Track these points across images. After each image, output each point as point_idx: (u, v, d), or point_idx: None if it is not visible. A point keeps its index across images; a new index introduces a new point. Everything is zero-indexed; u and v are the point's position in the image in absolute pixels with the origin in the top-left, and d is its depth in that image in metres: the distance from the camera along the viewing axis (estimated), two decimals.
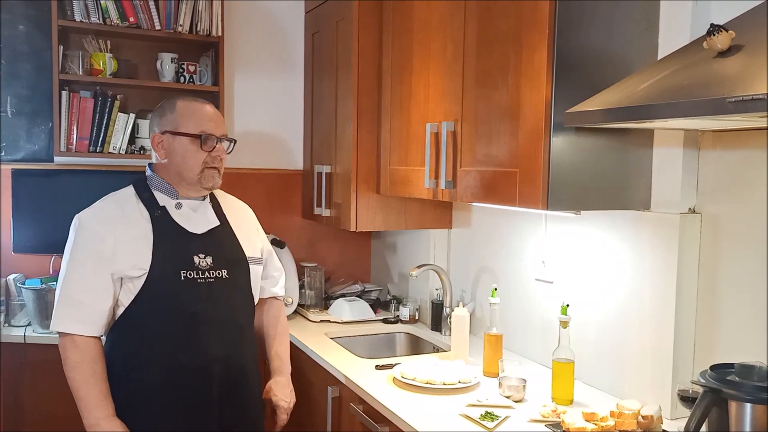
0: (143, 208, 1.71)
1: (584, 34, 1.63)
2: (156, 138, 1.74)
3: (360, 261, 3.26)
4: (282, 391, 1.86)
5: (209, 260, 1.72)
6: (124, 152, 2.69)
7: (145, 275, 1.65)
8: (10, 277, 2.60)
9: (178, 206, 1.74)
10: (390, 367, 2.08)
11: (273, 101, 3.07)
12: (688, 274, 1.67)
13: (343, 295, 2.90)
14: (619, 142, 1.69)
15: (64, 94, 2.59)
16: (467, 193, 1.93)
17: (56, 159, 2.70)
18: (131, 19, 2.63)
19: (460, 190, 1.97)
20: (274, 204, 3.11)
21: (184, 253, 1.70)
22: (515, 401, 1.80)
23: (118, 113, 2.67)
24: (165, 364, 1.67)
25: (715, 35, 1.24)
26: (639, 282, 1.78)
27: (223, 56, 2.79)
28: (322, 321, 2.74)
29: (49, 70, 2.60)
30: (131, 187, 1.76)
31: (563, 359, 1.80)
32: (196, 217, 1.76)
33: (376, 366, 2.12)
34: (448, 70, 2.03)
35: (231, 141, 1.80)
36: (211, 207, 1.82)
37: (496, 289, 2.10)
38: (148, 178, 1.77)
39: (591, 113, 1.45)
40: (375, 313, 2.80)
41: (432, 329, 2.64)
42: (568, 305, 1.82)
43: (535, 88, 1.64)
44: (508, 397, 1.81)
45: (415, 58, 2.25)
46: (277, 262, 2.02)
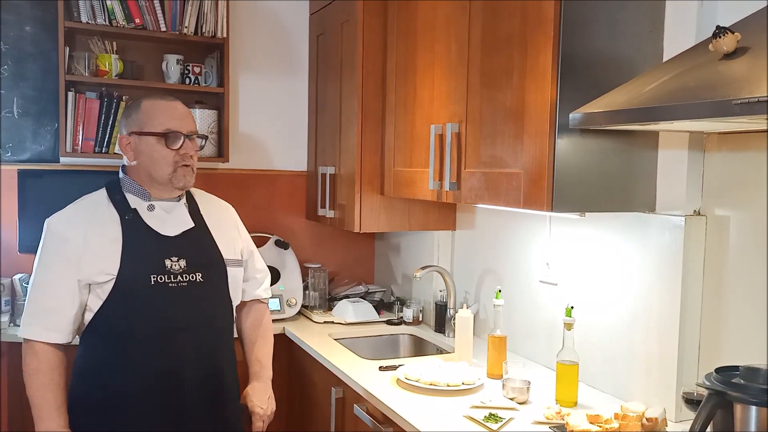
0: (114, 211, 1.67)
1: (589, 36, 1.63)
2: (123, 140, 1.70)
3: (364, 262, 3.26)
4: (259, 397, 1.81)
5: (182, 263, 1.67)
6: None
7: (113, 280, 1.61)
8: (16, 277, 2.61)
9: (151, 208, 1.69)
10: (394, 368, 2.08)
11: (277, 102, 3.08)
12: (693, 276, 1.67)
13: (347, 297, 2.90)
14: (624, 144, 1.68)
15: (70, 95, 2.60)
16: (471, 194, 1.93)
17: (62, 159, 2.71)
18: (137, 21, 2.64)
19: (465, 191, 1.97)
20: (278, 205, 3.12)
21: (154, 257, 1.65)
22: (519, 403, 1.80)
23: None
24: (137, 370, 1.63)
25: (720, 37, 1.24)
26: (644, 284, 1.77)
27: (228, 58, 2.79)
28: (325, 322, 2.74)
29: (56, 72, 2.62)
30: (103, 190, 1.72)
31: (567, 361, 1.80)
32: (170, 218, 1.71)
33: (380, 367, 2.12)
34: (453, 72, 2.03)
35: (202, 137, 1.75)
36: (187, 208, 1.76)
37: (500, 291, 2.10)
38: (120, 181, 1.72)
39: (596, 115, 1.45)
40: (378, 314, 2.80)
41: (435, 331, 2.64)
42: (572, 307, 1.82)
43: (540, 90, 1.64)
44: (512, 399, 1.81)
45: (420, 60, 2.25)
46: (260, 263, 1.96)
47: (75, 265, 1.61)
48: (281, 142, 3.11)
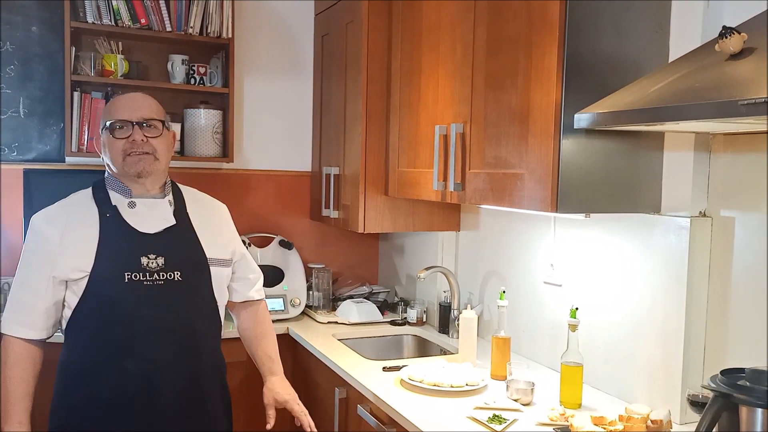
0: (95, 209, 1.67)
1: (595, 37, 1.63)
2: (97, 141, 1.74)
3: (368, 263, 3.26)
4: (282, 388, 1.83)
5: (160, 261, 1.64)
6: None
7: (86, 277, 1.60)
8: None
9: (131, 205, 1.68)
10: (397, 369, 2.08)
11: (282, 103, 3.08)
12: (699, 278, 1.66)
13: (351, 297, 2.90)
14: (630, 145, 1.68)
15: (76, 95, 2.61)
16: (476, 195, 1.93)
17: (67, 159, 2.72)
18: (142, 21, 2.65)
19: (469, 192, 1.96)
20: (283, 205, 3.12)
21: (130, 254, 1.63)
22: (523, 404, 1.79)
23: None
24: (109, 369, 1.62)
25: (727, 38, 1.24)
26: (649, 285, 1.77)
27: (233, 58, 2.80)
28: (329, 322, 2.74)
29: (62, 72, 2.63)
30: (90, 188, 1.73)
31: (572, 363, 1.79)
32: (151, 216, 1.69)
33: (384, 368, 2.11)
34: (458, 72, 2.03)
35: (153, 123, 1.67)
36: (172, 205, 1.74)
37: (504, 292, 2.10)
38: (105, 179, 1.73)
39: (602, 115, 1.44)
40: (382, 315, 2.80)
41: (439, 331, 2.63)
42: (577, 308, 1.82)
43: (545, 91, 1.64)
44: (516, 401, 1.81)
45: (425, 60, 2.25)
46: (253, 264, 1.93)
47: (50, 262, 1.61)
48: (286, 143, 3.11)
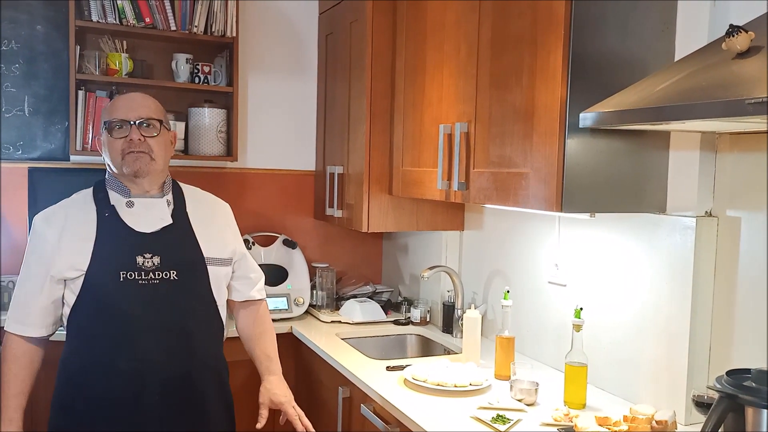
0: (94, 208, 1.69)
1: (600, 36, 1.62)
2: (98, 141, 1.77)
3: (371, 262, 3.26)
4: (279, 388, 1.81)
5: (156, 260, 1.64)
6: None
7: (82, 276, 1.61)
8: None
9: (129, 205, 1.69)
10: (401, 368, 2.08)
11: (286, 102, 3.08)
12: (704, 278, 1.65)
13: (355, 296, 2.90)
14: (635, 145, 1.67)
15: (81, 93, 2.62)
16: (480, 194, 1.93)
17: (72, 158, 2.73)
18: (147, 20, 2.65)
19: (473, 191, 1.96)
20: (286, 204, 3.12)
21: (126, 253, 1.63)
22: (527, 404, 1.79)
23: None
24: (104, 367, 1.62)
25: (733, 36, 1.23)
26: (654, 285, 1.76)
27: (237, 57, 2.80)
28: (333, 321, 2.74)
29: (66, 70, 2.63)
30: (91, 188, 1.75)
31: (576, 363, 1.79)
32: (148, 215, 1.69)
33: (387, 367, 2.11)
34: (462, 71, 2.03)
35: (152, 122, 1.67)
36: (172, 205, 1.74)
37: (508, 292, 2.09)
38: (105, 179, 1.74)
39: (607, 114, 1.43)
40: (386, 314, 2.80)
41: (443, 331, 2.63)
42: (581, 308, 1.81)
43: (550, 90, 1.63)
44: (519, 401, 1.80)
45: (429, 59, 2.25)
46: (254, 264, 1.92)
47: (48, 261, 1.64)
48: (290, 142, 3.11)
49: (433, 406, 1.78)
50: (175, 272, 1.66)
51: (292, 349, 2.63)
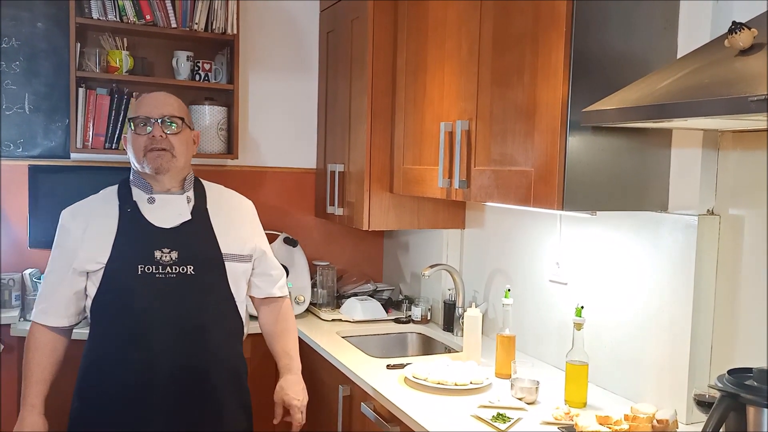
0: (117, 204, 1.74)
1: (602, 33, 1.61)
2: (124, 138, 1.81)
3: (372, 260, 3.25)
4: (294, 390, 1.83)
5: (174, 255, 1.68)
6: None
7: (102, 268, 1.67)
8: (26, 272, 2.62)
9: (151, 201, 1.74)
10: (401, 366, 2.07)
11: (287, 99, 3.08)
12: (706, 277, 1.64)
13: (355, 295, 2.89)
14: (637, 142, 1.66)
15: (81, 91, 2.61)
16: (481, 192, 1.92)
17: (72, 155, 2.72)
18: (148, 17, 2.64)
19: (474, 189, 1.95)
20: (287, 202, 3.12)
21: (144, 247, 1.68)
22: (528, 403, 1.78)
23: None
24: (118, 357, 1.67)
25: (736, 33, 1.22)
26: (656, 284, 1.75)
27: (238, 54, 2.79)
28: (333, 320, 2.73)
29: (67, 68, 2.63)
30: (116, 185, 1.80)
31: (577, 361, 1.78)
32: (168, 211, 1.73)
33: (388, 366, 2.11)
34: (464, 69, 2.02)
35: (174, 120, 1.72)
36: (193, 201, 1.77)
37: (509, 290, 2.09)
38: (130, 177, 1.79)
39: (608, 112, 1.43)
40: (387, 312, 2.80)
41: (444, 330, 2.62)
42: (582, 307, 1.80)
43: (551, 87, 1.62)
44: (520, 399, 1.80)
45: (430, 57, 2.24)
46: (275, 261, 1.94)
47: (71, 254, 1.70)
48: (290, 140, 3.11)
49: (434, 405, 1.78)
50: (192, 267, 1.70)
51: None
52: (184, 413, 1.69)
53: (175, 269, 1.68)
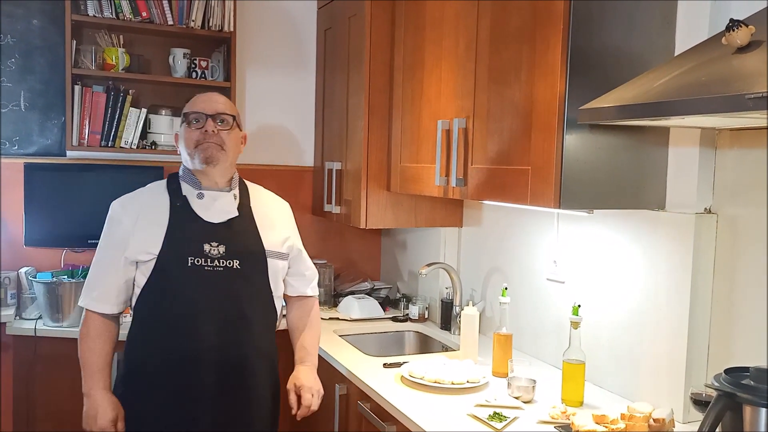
0: (167, 198, 1.80)
1: (600, 31, 1.61)
2: (176, 136, 1.87)
3: (370, 258, 3.25)
4: (305, 376, 1.88)
5: (221, 249, 1.76)
6: (135, 147, 2.70)
7: (154, 260, 1.73)
8: (22, 271, 2.61)
9: (200, 196, 1.80)
10: (398, 365, 2.07)
11: (285, 97, 3.07)
12: (704, 276, 1.64)
13: (353, 293, 2.89)
14: (634, 141, 1.66)
15: (77, 88, 2.60)
16: (478, 190, 1.91)
17: (68, 153, 2.71)
18: (144, 14, 2.63)
19: (471, 187, 1.94)
20: (284, 200, 3.10)
21: (194, 240, 1.75)
22: (524, 402, 1.78)
23: (130, 108, 2.68)
24: (161, 346, 1.73)
25: (734, 30, 1.21)
26: (653, 283, 1.74)
27: (235, 52, 2.78)
28: (330, 318, 2.73)
29: (63, 65, 2.62)
30: (165, 180, 1.87)
31: (574, 360, 1.77)
32: (216, 206, 1.81)
33: (384, 364, 2.10)
34: (461, 67, 2.01)
35: (226, 118, 1.79)
36: (237, 198, 1.85)
37: (506, 289, 2.08)
38: (179, 173, 1.85)
39: (605, 110, 1.42)
40: (384, 311, 2.79)
41: (441, 328, 2.62)
42: (579, 306, 1.80)
43: (548, 85, 1.61)
44: (517, 398, 1.79)
45: (427, 55, 2.23)
46: (308, 262, 2.03)
47: (123, 245, 1.75)
48: (288, 137, 3.10)
49: (430, 404, 1.77)
50: (238, 261, 1.77)
51: (290, 345, 2.61)
52: (227, 398, 1.76)
53: (222, 263, 1.75)
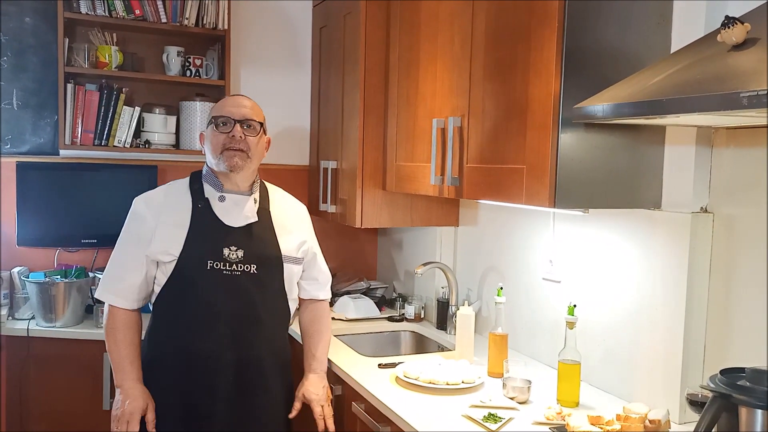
0: (189, 198, 1.82)
1: (595, 28, 1.59)
2: (201, 135, 1.89)
3: (366, 258, 3.23)
4: (313, 386, 1.91)
5: (240, 254, 1.78)
6: (129, 146, 2.68)
7: (174, 261, 1.75)
8: (15, 270, 2.59)
9: (221, 199, 1.82)
10: (393, 366, 2.05)
11: (280, 96, 3.05)
12: (700, 276, 1.63)
13: (348, 293, 2.87)
14: (630, 139, 1.64)
15: (70, 87, 2.58)
16: (473, 189, 1.90)
17: (61, 152, 2.69)
18: (137, 12, 2.62)
19: (467, 186, 1.93)
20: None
21: (214, 244, 1.77)
22: (519, 403, 1.76)
23: (124, 106, 2.66)
24: (177, 345, 1.77)
25: (729, 28, 1.20)
26: (648, 283, 1.73)
27: (229, 50, 2.77)
28: None
29: (55, 63, 2.60)
30: (187, 178, 1.88)
31: (569, 360, 1.76)
32: (237, 210, 1.83)
33: (379, 365, 2.09)
34: (456, 65, 2.00)
35: (253, 124, 1.83)
36: (257, 203, 1.87)
37: (501, 288, 2.07)
38: (203, 173, 1.87)
39: (601, 108, 1.40)
40: (380, 310, 2.78)
41: (437, 328, 2.60)
42: (575, 306, 1.79)
43: (543, 84, 1.60)
44: (512, 399, 1.78)
45: (423, 53, 2.21)
46: (323, 266, 2.05)
47: (145, 242, 1.77)
48: (283, 136, 3.08)
49: (425, 405, 1.76)
50: (255, 266, 1.80)
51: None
52: (241, 398, 1.79)
53: (240, 267, 1.77)
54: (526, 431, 1.60)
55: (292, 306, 1.95)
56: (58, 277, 2.55)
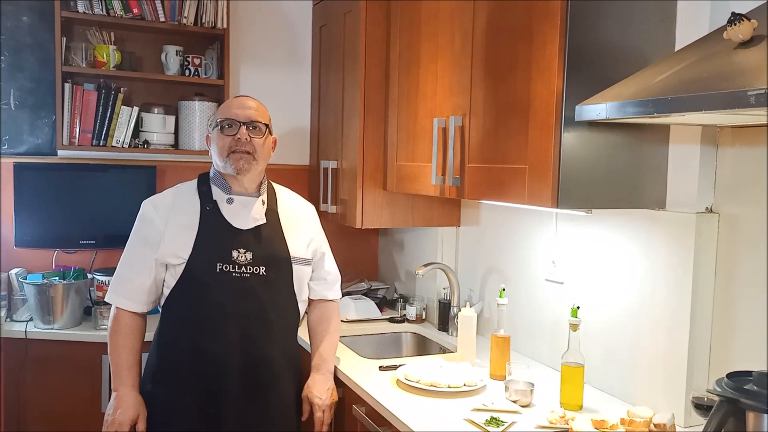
0: (198, 200, 1.82)
1: (597, 25, 1.57)
2: (208, 138, 1.89)
3: (367, 258, 3.21)
4: (318, 389, 1.90)
5: (249, 256, 1.78)
6: (127, 146, 2.66)
7: (183, 264, 1.75)
8: (12, 272, 2.58)
9: (230, 201, 1.83)
10: (394, 368, 2.03)
11: (279, 95, 3.02)
12: (705, 276, 1.60)
13: (349, 294, 2.85)
14: (634, 138, 1.62)
15: (67, 86, 2.56)
16: (475, 189, 1.88)
17: (59, 152, 2.67)
18: (135, 11, 2.59)
19: (468, 186, 1.91)
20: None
21: (223, 247, 1.77)
22: (522, 406, 1.74)
23: (122, 106, 2.64)
24: (187, 347, 1.77)
25: (736, 24, 1.18)
26: (653, 284, 1.71)
27: (228, 49, 2.74)
28: None
29: (53, 63, 2.58)
30: (196, 180, 1.88)
31: (573, 363, 1.74)
32: (245, 212, 1.82)
33: (380, 367, 2.07)
34: (457, 63, 1.97)
35: (258, 125, 1.81)
36: (265, 204, 1.86)
37: (504, 289, 2.04)
38: (210, 174, 1.87)
39: (604, 107, 1.38)
40: (381, 311, 2.75)
41: (439, 329, 2.58)
42: (578, 307, 1.76)
43: (545, 82, 1.58)
44: (514, 402, 1.75)
45: (423, 52, 2.19)
46: (331, 266, 2.04)
47: (154, 245, 1.77)
48: (283, 136, 3.04)
49: (426, 408, 1.74)
50: (264, 268, 1.80)
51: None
52: (251, 399, 1.78)
53: (249, 269, 1.78)
54: None
55: (302, 307, 1.95)
56: (57, 278, 2.53)
